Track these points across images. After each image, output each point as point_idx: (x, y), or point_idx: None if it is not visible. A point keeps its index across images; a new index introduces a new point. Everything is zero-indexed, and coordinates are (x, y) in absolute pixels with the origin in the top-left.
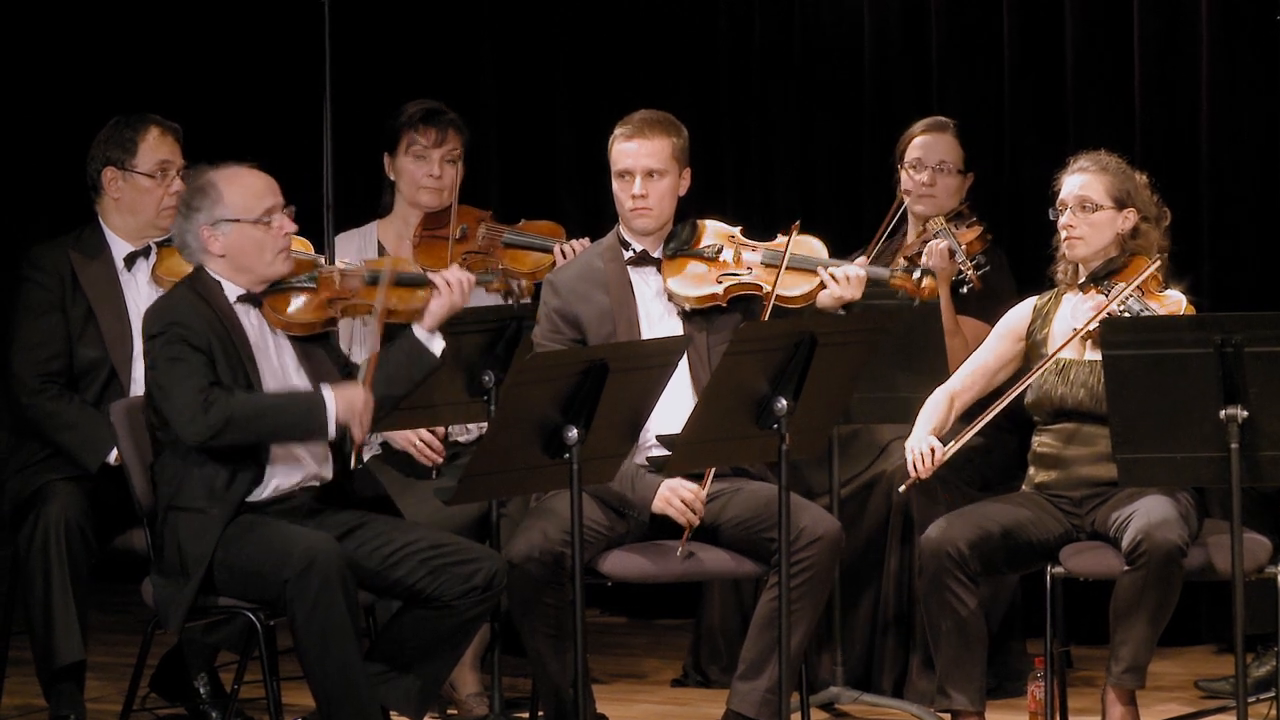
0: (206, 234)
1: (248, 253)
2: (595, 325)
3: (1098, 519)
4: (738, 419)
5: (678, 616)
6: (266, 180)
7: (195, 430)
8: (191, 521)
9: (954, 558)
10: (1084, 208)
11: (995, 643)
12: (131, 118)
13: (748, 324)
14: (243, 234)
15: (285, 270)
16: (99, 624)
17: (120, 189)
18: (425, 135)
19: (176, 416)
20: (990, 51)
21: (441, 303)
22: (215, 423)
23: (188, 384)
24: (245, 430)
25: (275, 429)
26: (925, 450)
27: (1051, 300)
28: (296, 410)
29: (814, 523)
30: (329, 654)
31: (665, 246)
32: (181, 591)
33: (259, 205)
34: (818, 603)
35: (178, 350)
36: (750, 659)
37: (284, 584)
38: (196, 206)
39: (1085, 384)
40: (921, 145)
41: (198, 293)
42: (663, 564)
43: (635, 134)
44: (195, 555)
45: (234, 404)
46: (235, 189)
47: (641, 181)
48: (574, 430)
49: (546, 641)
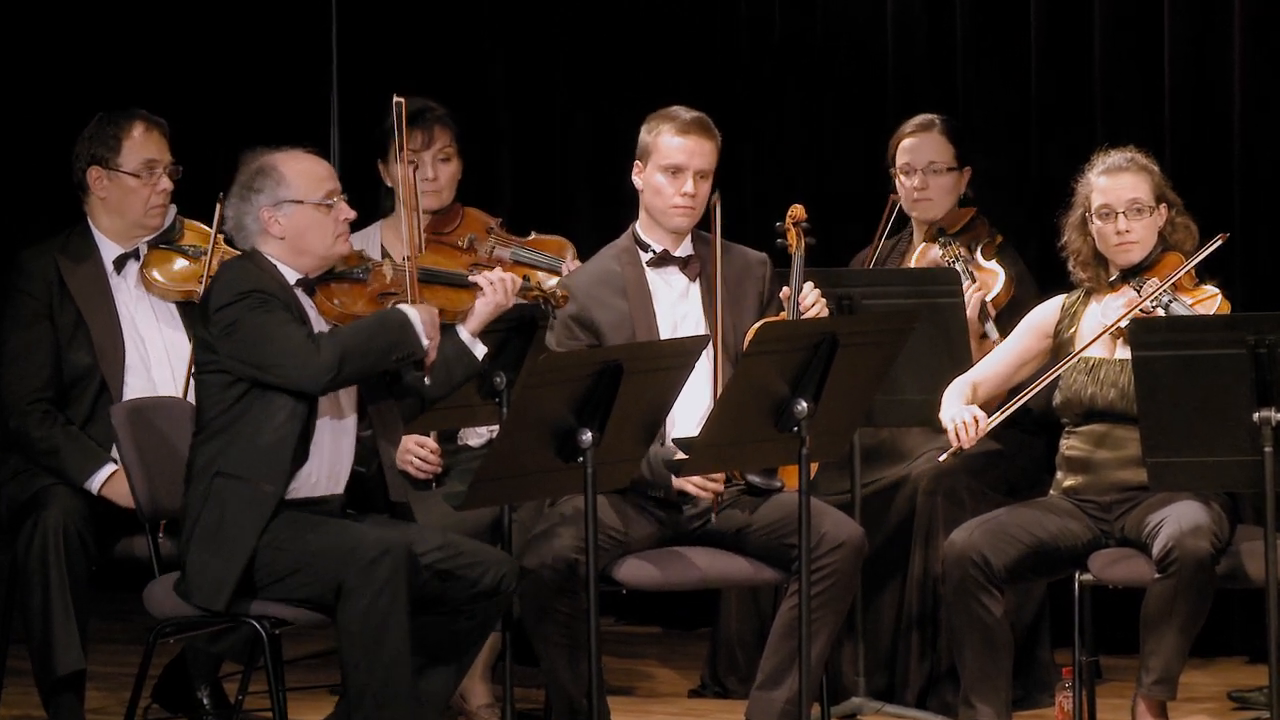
0: (267, 215)
1: (308, 235)
2: (612, 331)
3: (1128, 525)
4: (757, 422)
5: (695, 625)
6: (326, 165)
7: (315, 370)
8: (242, 491)
9: (979, 565)
10: (1136, 210)
11: (1022, 652)
12: (115, 113)
13: (767, 323)
14: (305, 215)
15: (344, 252)
16: (99, 633)
17: (106, 189)
18: (412, 138)
19: (292, 362)
20: (1016, 45)
21: (486, 303)
22: (331, 360)
23: (288, 330)
24: (360, 361)
25: (382, 353)
26: (968, 419)
27: (1080, 298)
28: (392, 332)
29: (836, 528)
30: (383, 647)
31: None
32: (228, 567)
33: (321, 188)
34: (839, 611)
35: (265, 307)
36: (770, 669)
37: (349, 572)
38: (257, 188)
39: (1116, 383)
40: (909, 149)
41: (261, 268)
42: (679, 571)
43: (691, 130)
44: (244, 527)
45: (341, 338)
46: (297, 171)
47: (693, 181)
48: (588, 433)
49: (560, 651)
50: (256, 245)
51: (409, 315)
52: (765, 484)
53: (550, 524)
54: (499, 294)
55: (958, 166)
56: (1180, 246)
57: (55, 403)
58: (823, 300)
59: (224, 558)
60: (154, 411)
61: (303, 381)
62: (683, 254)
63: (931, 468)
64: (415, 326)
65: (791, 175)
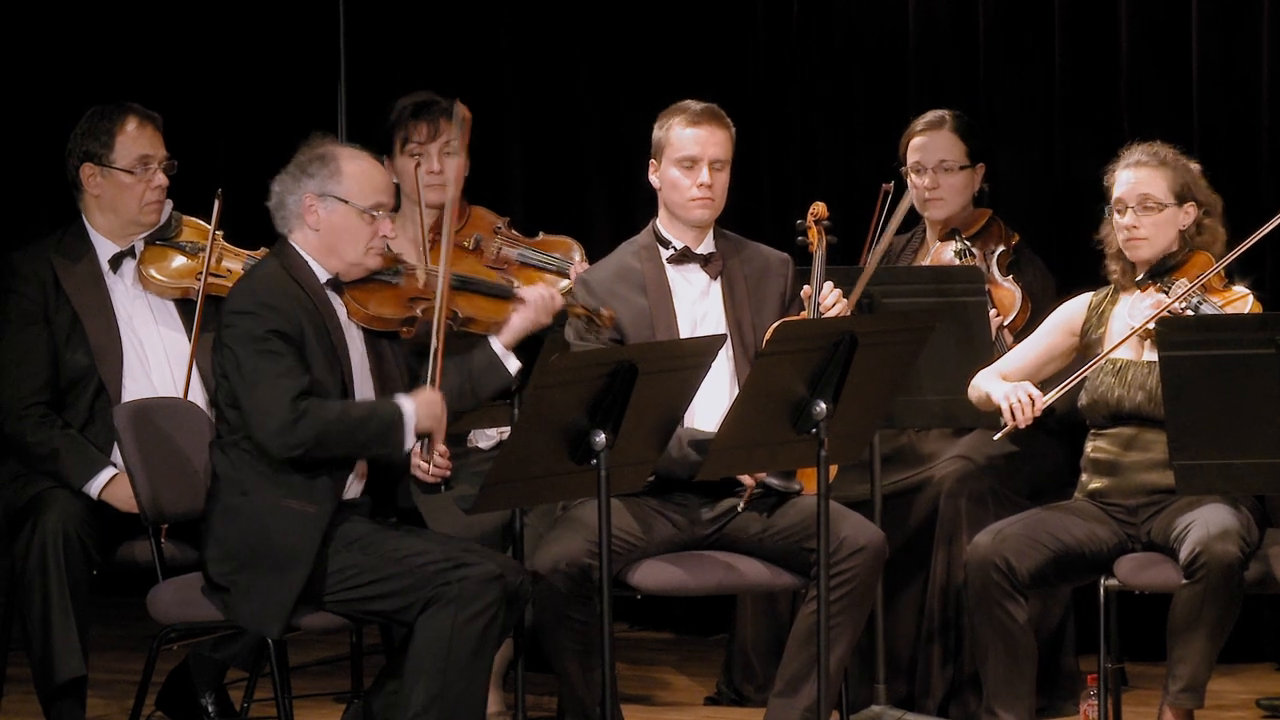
0: (309, 202)
1: (342, 237)
2: (631, 329)
3: (1154, 529)
4: (774, 423)
5: (711, 631)
6: (387, 176)
7: (283, 443)
8: (292, 515)
9: (1002, 570)
10: (1146, 207)
11: (1046, 659)
12: (108, 108)
13: (785, 323)
14: (346, 217)
15: (374, 266)
16: (101, 639)
17: (100, 186)
18: (417, 131)
19: (263, 423)
20: (1040, 38)
21: (524, 318)
22: (306, 438)
23: (279, 386)
24: (335, 448)
25: (359, 445)
26: (1023, 396)
27: (1108, 298)
28: (379, 424)
29: (855, 532)
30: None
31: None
32: (285, 587)
33: (373, 196)
34: (859, 617)
35: (268, 341)
36: (787, 676)
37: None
38: (311, 173)
39: (1144, 386)
40: (919, 147)
41: (288, 270)
42: (695, 576)
43: (702, 121)
44: (297, 547)
45: (326, 418)
46: (356, 170)
47: (709, 171)
48: (602, 435)
49: (573, 658)
50: (292, 231)
51: (404, 413)
52: (783, 487)
53: (563, 528)
54: (540, 312)
55: (970, 164)
56: (1209, 248)
57: (52, 406)
58: (844, 300)
59: (276, 580)
60: (157, 412)
61: (269, 445)
62: (704, 251)
63: (955, 470)
64: (406, 426)
65: (812, 172)
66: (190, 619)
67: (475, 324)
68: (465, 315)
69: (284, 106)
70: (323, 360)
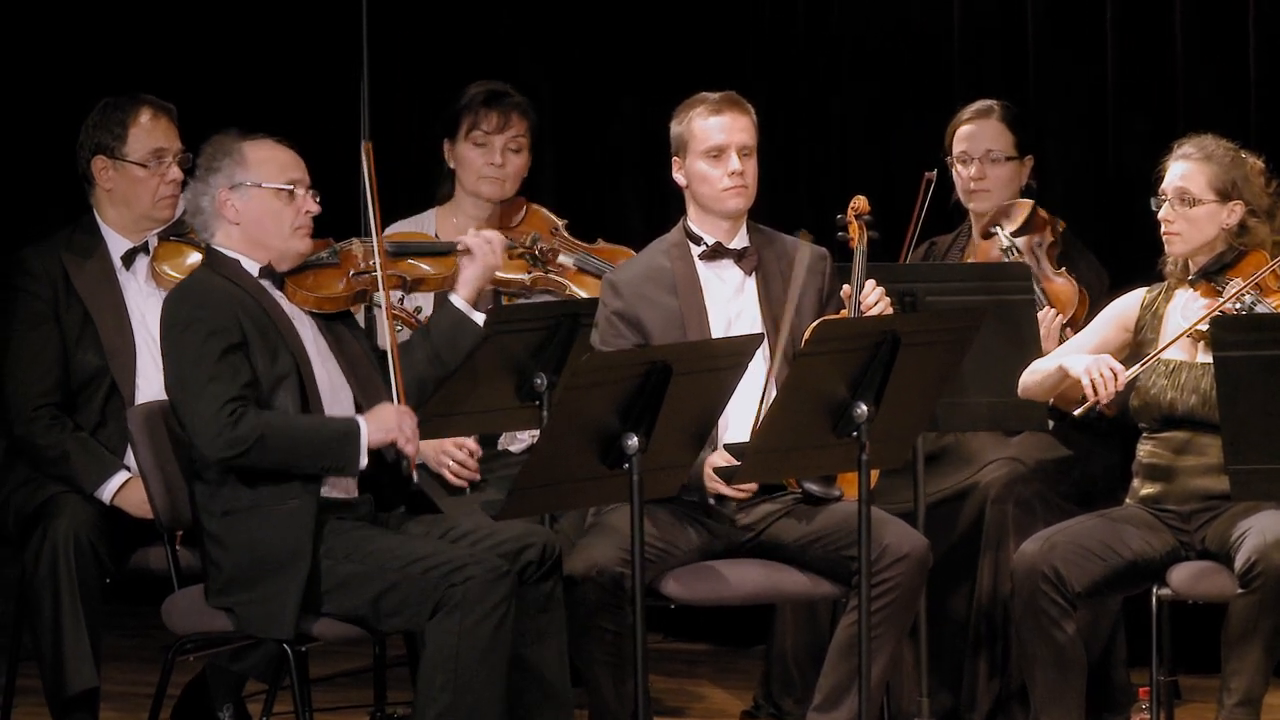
0: (223, 197)
1: (264, 223)
2: (660, 330)
3: (1209, 536)
4: (813, 426)
5: (748, 642)
6: (293, 154)
7: (217, 446)
8: (275, 517)
9: (1050, 579)
10: (1182, 200)
11: (1095, 671)
12: (121, 99)
13: (824, 322)
14: (262, 201)
15: (304, 249)
16: (114, 649)
17: (112, 179)
18: (487, 120)
19: (198, 427)
20: (1091, 27)
21: (474, 267)
22: (243, 438)
23: (211, 391)
24: (273, 453)
25: (305, 457)
26: (1106, 370)
27: (1162, 295)
28: (329, 439)
29: (898, 540)
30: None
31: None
32: (286, 592)
33: (283, 174)
34: (902, 627)
35: (202, 348)
36: (828, 689)
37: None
38: (216, 167)
39: (1197, 388)
40: (966, 136)
41: (218, 273)
42: (732, 585)
43: (723, 108)
44: (292, 550)
45: (266, 422)
46: (260, 154)
47: (738, 157)
48: (634, 438)
49: (604, 670)
50: (214, 234)
51: (360, 429)
52: (823, 493)
53: (594, 535)
54: (486, 254)
55: (1018, 155)
56: (1261, 246)
57: (63, 407)
58: (887, 299)
59: (276, 582)
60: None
61: (205, 449)
62: (738, 246)
63: (1002, 475)
64: (359, 441)
65: (853, 166)
66: (207, 629)
67: (426, 284)
68: (414, 278)
69: (302, 97)
70: (268, 354)
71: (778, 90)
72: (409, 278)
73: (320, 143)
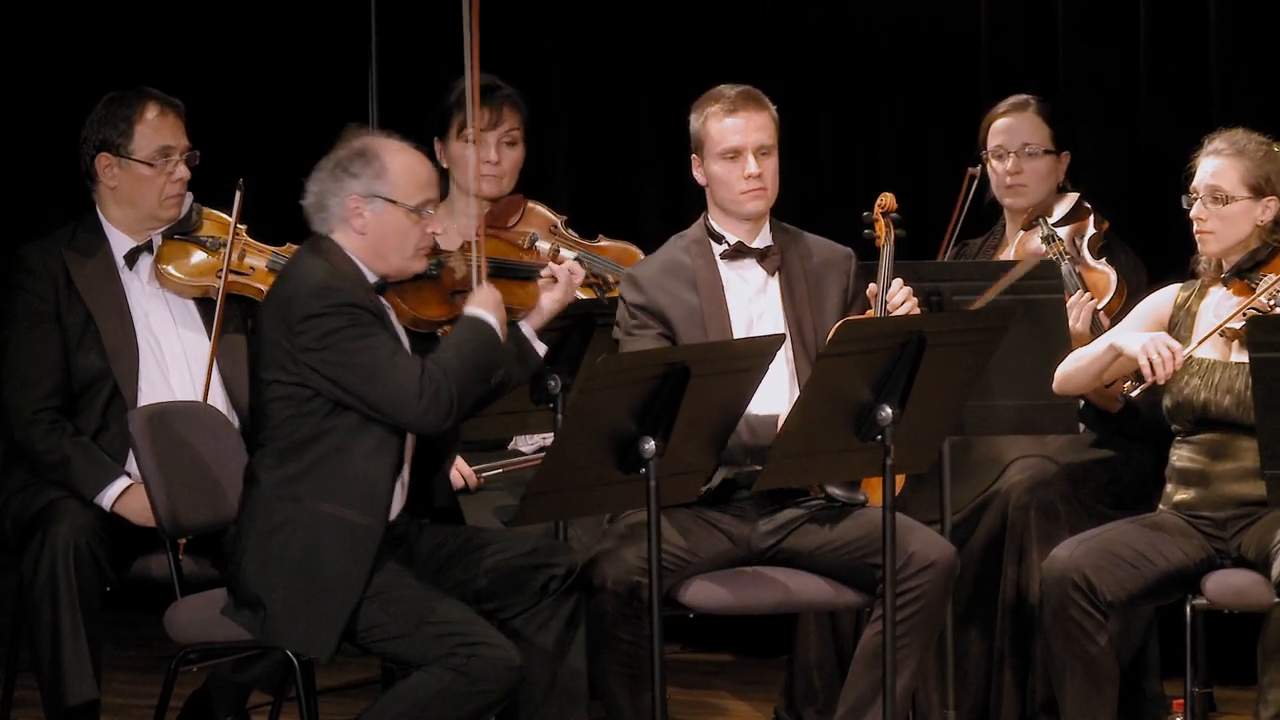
0: (354, 205)
1: (389, 240)
2: (682, 327)
3: (1244, 543)
4: (836, 429)
5: (769, 653)
6: (432, 168)
7: (437, 416)
8: (337, 524)
9: (1080, 587)
10: (1215, 198)
11: (1127, 683)
12: (127, 94)
13: (848, 322)
14: (393, 219)
15: (419, 269)
16: (114, 660)
17: (116, 177)
18: (480, 116)
19: (408, 405)
20: (1124, 18)
21: (553, 297)
22: (446, 402)
23: (399, 363)
24: (473, 393)
25: (484, 379)
26: (1164, 349)
27: (1195, 293)
28: (489, 350)
29: (925, 547)
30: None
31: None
32: (335, 613)
33: (420, 194)
34: (928, 637)
35: (366, 329)
36: (851, 700)
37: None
38: (354, 172)
39: (1231, 389)
40: (1003, 130)
41: (341, 270)
42: (752, 594)
43: (739, 107)
44: (347, 568)
45: (448, 373)
46: (401, 166)
47: (755, 159)
48: (651, 442)
49: (620, 682)
50: (333, 231)
51: (493, 324)
52: (848, 498)
53: (609, 542)
54: (572, 290)
55: (1055, 150)
56: None
57: (63, 411)
58: (914, 299)
59: (327, 601)
60: (176, 417)
61: (423, 427)
62: (760, 244)
63: (1025, 478)
64: (499, 335)
65: (878, 162)
66: (210, 639)
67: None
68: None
69: (309, 90)
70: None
71: (801, 84)
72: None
73: (323, 140)
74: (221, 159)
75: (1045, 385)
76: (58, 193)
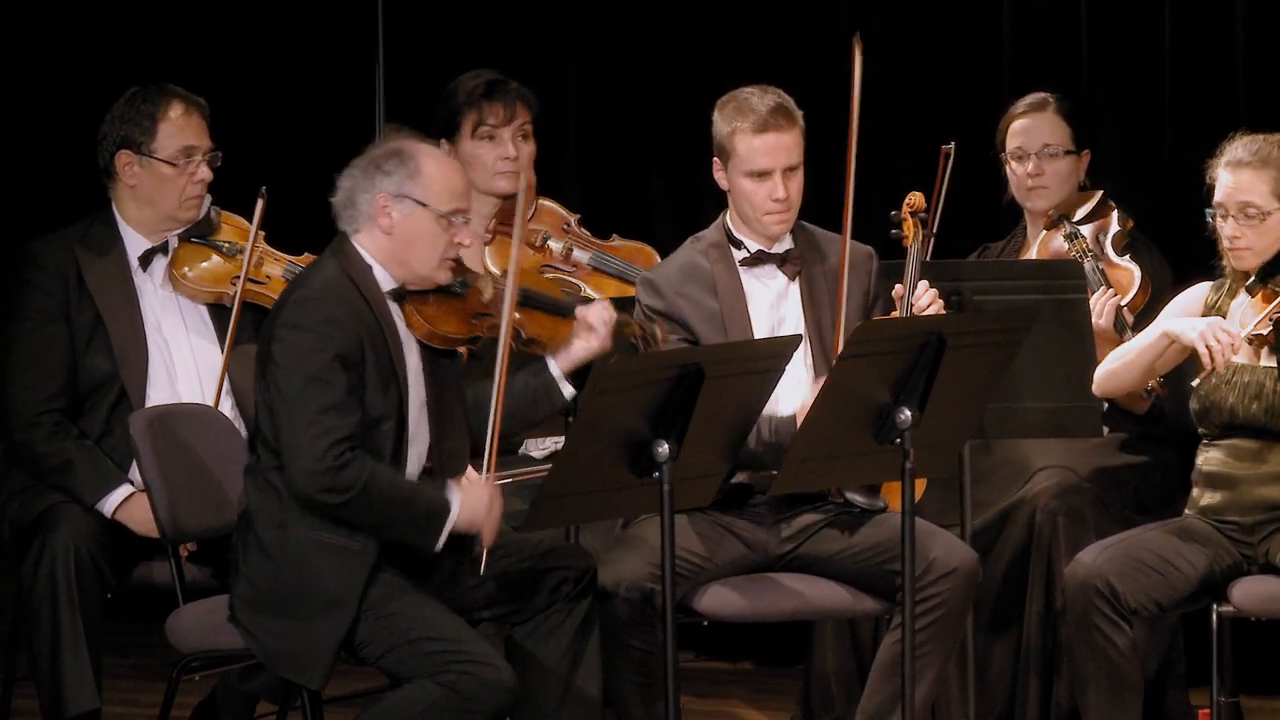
0: (383, 202)
1: (416, 244)
2: (704, 332)
3: (1272, 549)
4: (854, 432)
5: (786, 661)
6: (467, 182)
7: (316, 485)
8: (329, 552)
9: (1104, 593)
10: (1248, 215)
11: (1152, 692)
12: (150, 90)
13: (865, 323)
14: (422, 222)
15: (443, 280)
16: (115, 668)
17: (136, 176)
18: (493, 112)
19: (299, 455)
20: (1149, 19)
21: (588, 346)
22: (345, 486)
23: (325, 422)
24: (365, 511)
25: (394, 523)
26: (1222, 334)
27: (1225, 293)
28: (418, 517)
29: (946, 554)
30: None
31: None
32: (327, 638)
33: (452, 201)
34: (949, 646)
35: (327, 368)
36: (869, 711)
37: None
38: (387, 170)
39: (1260, 394)
40: (1022, 130)
41: (349, 275)
42: (769, 601)
43: (770, 126)
44: (337, 594)
45: (371, 476)
46: (436, 171)
47: (782, 182)
48: (665, 445)
49: (633, 690)
50: (358, 231)
51: (450, 511)
52: (867, 503)
53: (622, 548)
54: (606, 340)
55: (1075, 150)
56: None
57: (68, 414)
58: (940, 301)
59: (318, 624)
60: (177, 420)
61: (301, 484)
62: (780, 249)
63: (1051, 484)
64: (445, 525)
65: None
66: (213, 647)
67: (537, 345)
68: (529, 335)
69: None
70: (379, 382)
71: (821, 82)
72: (525, 333)
73: (328, 137)
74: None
75: (1069, 387)
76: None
